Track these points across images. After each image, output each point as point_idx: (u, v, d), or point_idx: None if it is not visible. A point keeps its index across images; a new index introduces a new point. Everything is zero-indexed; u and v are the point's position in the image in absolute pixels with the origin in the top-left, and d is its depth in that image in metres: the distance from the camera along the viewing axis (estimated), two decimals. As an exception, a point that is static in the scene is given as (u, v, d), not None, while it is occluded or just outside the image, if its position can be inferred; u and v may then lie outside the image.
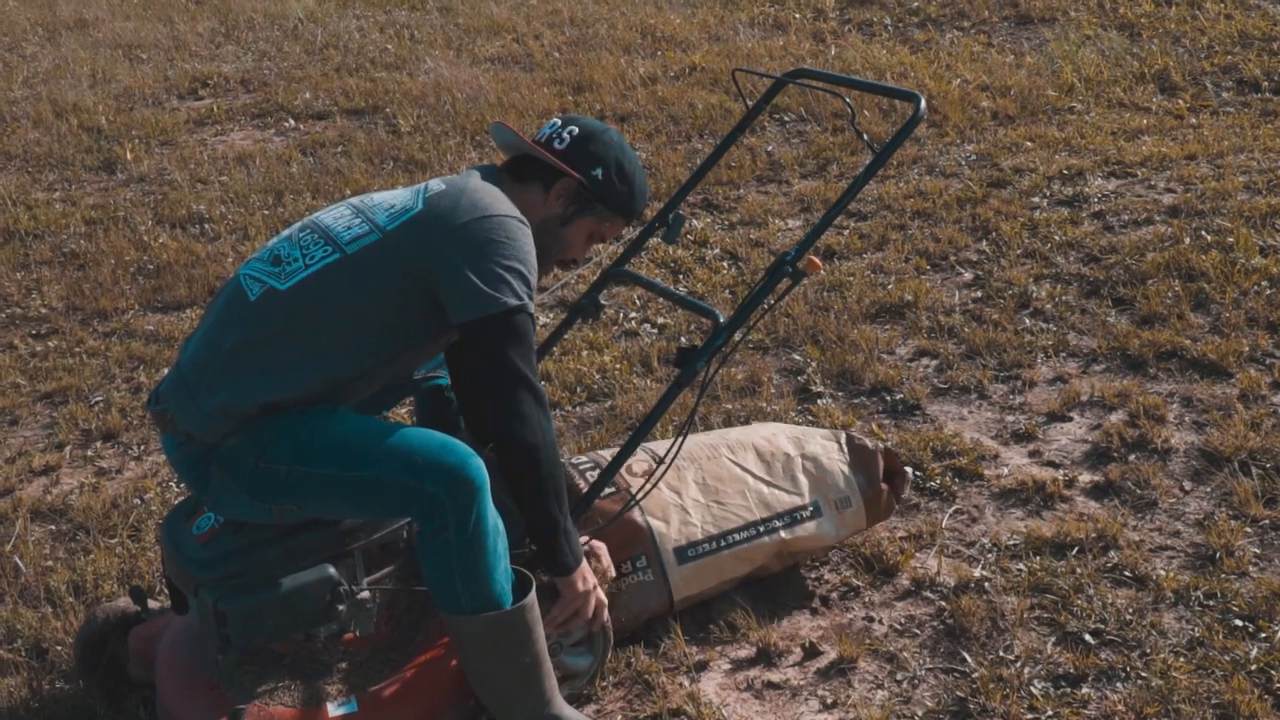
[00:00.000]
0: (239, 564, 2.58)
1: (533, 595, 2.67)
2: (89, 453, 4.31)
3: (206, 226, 6.19)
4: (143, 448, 4.30)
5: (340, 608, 2.67)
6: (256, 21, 10.61)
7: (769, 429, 3.54)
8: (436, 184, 2.76)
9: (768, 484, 3.31)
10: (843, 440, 3.46)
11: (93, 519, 3.85)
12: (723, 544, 3.20)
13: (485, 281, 2.57)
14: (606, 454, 3.33)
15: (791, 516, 3.28)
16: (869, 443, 3.46)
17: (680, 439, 3.09)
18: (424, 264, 2.60)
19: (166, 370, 2.88)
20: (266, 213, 6.29)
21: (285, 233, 2.79)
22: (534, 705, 2.71)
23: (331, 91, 8.39)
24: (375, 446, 2.59)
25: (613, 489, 3.15)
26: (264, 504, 2.59)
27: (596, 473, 3.13)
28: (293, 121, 7.93)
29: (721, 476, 3.30)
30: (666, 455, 3.13)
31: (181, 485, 4.00)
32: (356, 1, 11.11)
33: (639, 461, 3.26)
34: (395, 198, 2.75)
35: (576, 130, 2.90)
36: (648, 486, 3.11)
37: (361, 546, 2.71)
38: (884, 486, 3.41)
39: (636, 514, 3.14)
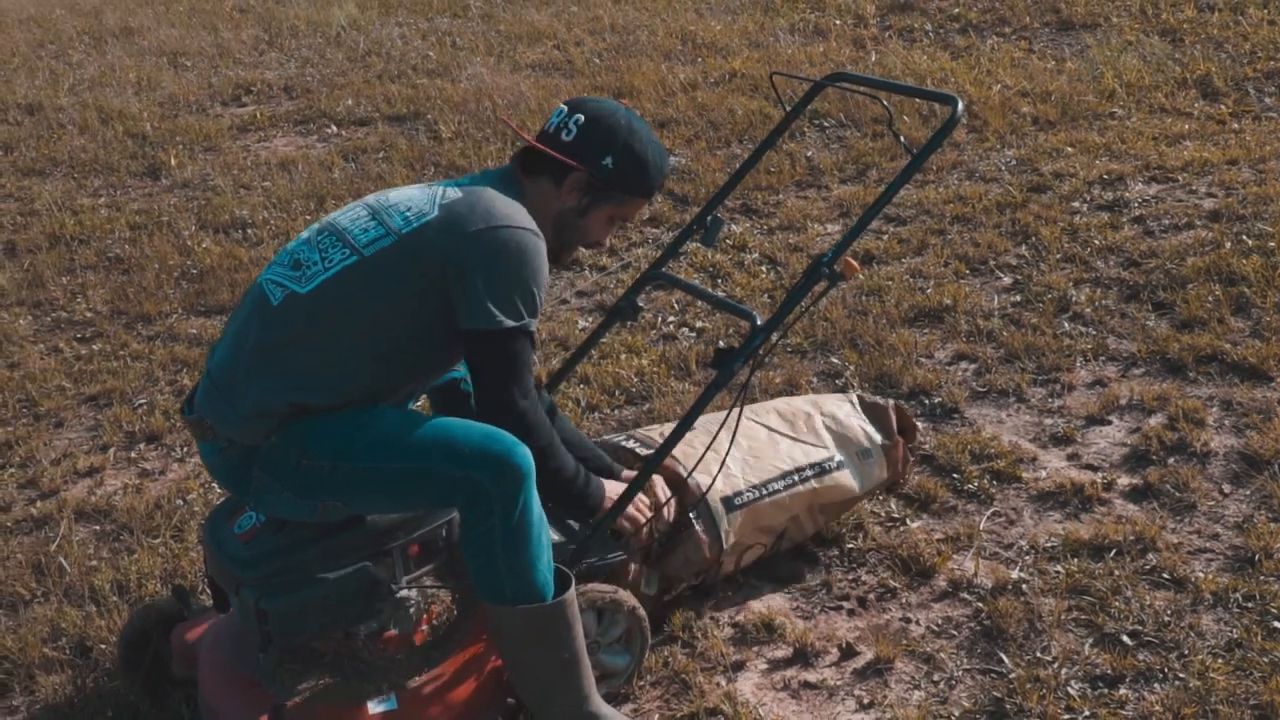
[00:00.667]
0: (280, 563, 2.61)
1: (573, 591, 2.70)
2: (133, 454, 4.37)
3: (249, 231, 6.26)
4: (185, 449, 4.36)
5: (380, 606, 2.70)
6: (300, 29, 10.72)
7: (783, 399, 3.77)
8: (452, 190, 2.75)
9: (794, 440, 3.50)
10: (854, 400, 3.71)
11: (136, 519, 3.90)
12: (763, 493, 3.34)
13: (492, 295, 2.61)
14: (647, 432, 3.47)
15: (820, 467, 3.45)
16: (880, 400, 3.71)
17: (726, 417, 3.12)
18: (439, 267, 2.63)
19: (199, 377, 2.92)
20: (309, 217, 6.35)
21: (304, 235, 2.81)
22: (573, 701, 2.73)
23: (373, 98, 8.47)
24: (418, 438, 2.62)
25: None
26: (308, 500, 2.62)
27: (640, 449, 3.31)
28: (335, 128, 8.01)
29: (753, 436, 3.47)
30: (716, 431, 3.16)
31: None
32: (399, 9, 11.20)
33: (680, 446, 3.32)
34: (411, 200, 2.75)
35: (582, 118, 2.84)
36: (697, 459, 3.20)
37: (400, 545, 2.74)
38: (899, 439, 3.64)
39: (683, 471, 3.24)
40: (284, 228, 6.23)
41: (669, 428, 3.29)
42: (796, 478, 3.39)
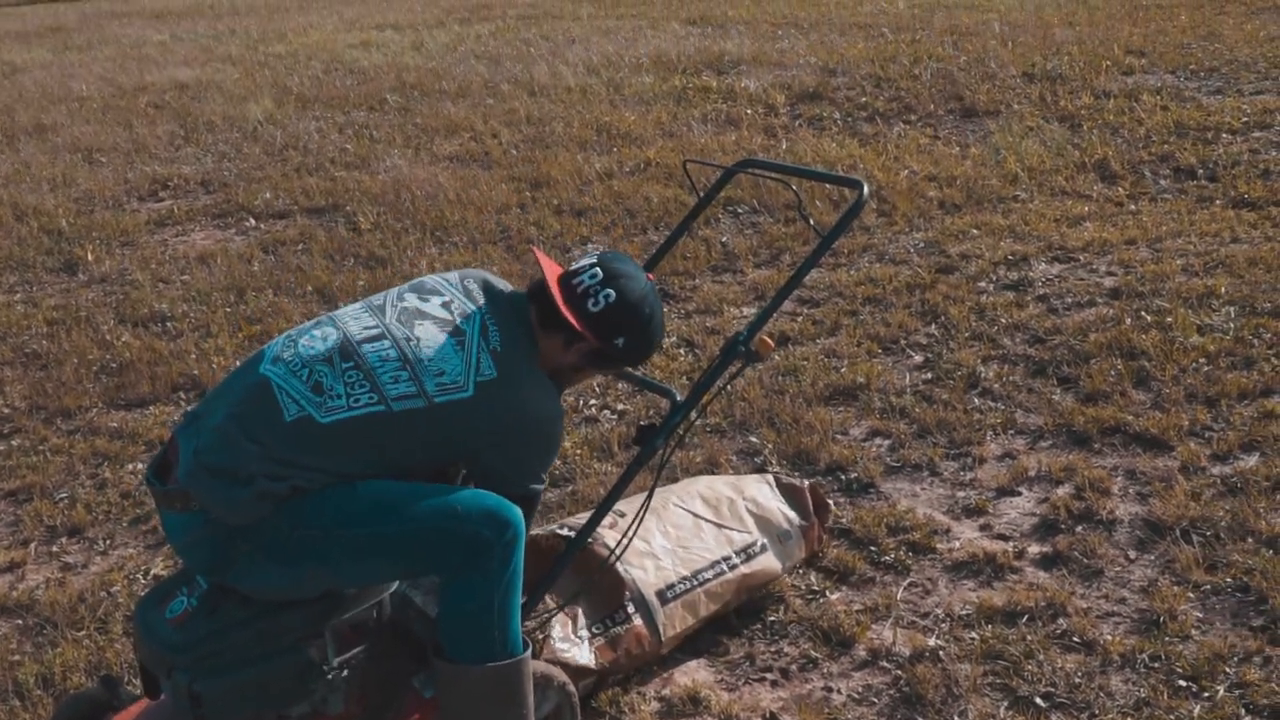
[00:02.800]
0: (213, 645, 2.63)
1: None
2: (54, 548, 4.34)
3: (169, 325, 6.26)
4: (108, 542, 4.34)
5: (313, 686, 2.72)
6: (216, 124, 10.77)
7: (704, 480, 3.89)
8: (486, 362, 2.74)
9: (719, 526, 3.61)
10: (772, 481, 3.85)
11: (60, 613, 3.87)
12: (695, 583, 3.45)
13: (518, 472, 2.80)
14: (575, 520, 3.54)
15: (746, 553, 3.58)
16: (796, 481, 3.85)
17: (647, 501, 3.20)
18: (466, 448, 2.75)
19: (160, 450, 2.87)
20: (229, 310, 6.37)
21: (319, 347, 2.75)
22: None
23: (292, 191, 8.53)
24: (413, 501, 2.68)
25: (592, 541, 3.36)
26: (293, 568, 2.64)
27: (571, 534, 3.34)
28: (253, 221, 8.05)
29: (680, 524, 3.58)
30: (638, 511, 3.23)
31: (149, 575, 4.04)
32: (315, 103, 11.30)
33: (605, 522, 3.42)
34: (444, 361, 2.73)
35: (614, 296, 2.85)
36: (625, 541, 3.28)
37: (333, 626, 2.77)
38: (815, 519, 3.79)
39: (619, 567, 3.34)
40: (204, 320, 6.24)
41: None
42: (725, 565, 3.52)
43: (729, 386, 4.62)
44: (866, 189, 3.21)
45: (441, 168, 8.87)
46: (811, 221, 3.39)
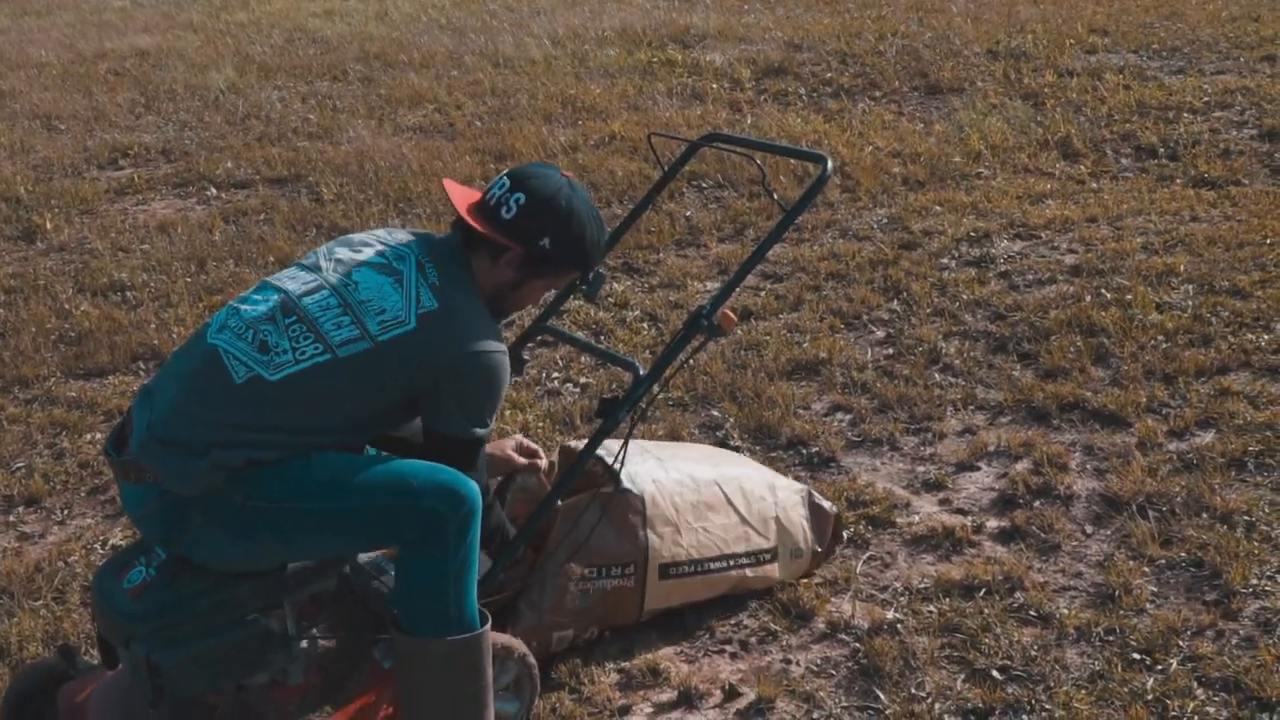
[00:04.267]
0: (171, 616, 2.62)
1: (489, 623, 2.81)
2: (11, 518, 4.31)
3: (128, 294, 6.21)
4: (66, 512, 4.31)
5: (272, 657, 2.72)
6: (177, 93, 10.65)
7: (749, 468, 3.79)
8: (425, 295, 2.74)
9: (745, 522, 3.54)
10: (804, 497, 3.72)
11: (16, 582, 3.85)
12: (699, 570, 3.43)
13: (465, 411, 2.74)
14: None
15: (756, 557, 3.54)
16: (826, 505, 3.73)
17: (620, 461, 3.28)
18: (413, 380, 2.71)
19: (119, 421, 2.86)
20: (189, 280, 6.32)
21: (262, 308, 2.75)
22: None
23: (254, 161, 8.45)
24: (367, 475, 2.69)
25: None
26: (247, 540, 2.65)
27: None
28: (215, 190, 7.98)
29: (714, 506, 3.51)
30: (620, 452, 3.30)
31: (107, 546, 4.02)
32: (278, 73, 11.20)
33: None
34: (384, 298, 2.73)
35: (523, 198, 2.82)
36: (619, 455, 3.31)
37: (293, 597, 2.76)
38: (828, 546, 3.73)
39: (640, 525, 3.32)
40: (164, 290, 6.19)
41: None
42: (731, 563, 3.50)
43: (692, 360, 4.62)
44: (830, 164, 3.22)
45: (405, 139, 8.82)
46: (775, 196, 3.39)
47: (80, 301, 6.14)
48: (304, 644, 2.78)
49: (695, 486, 3.49)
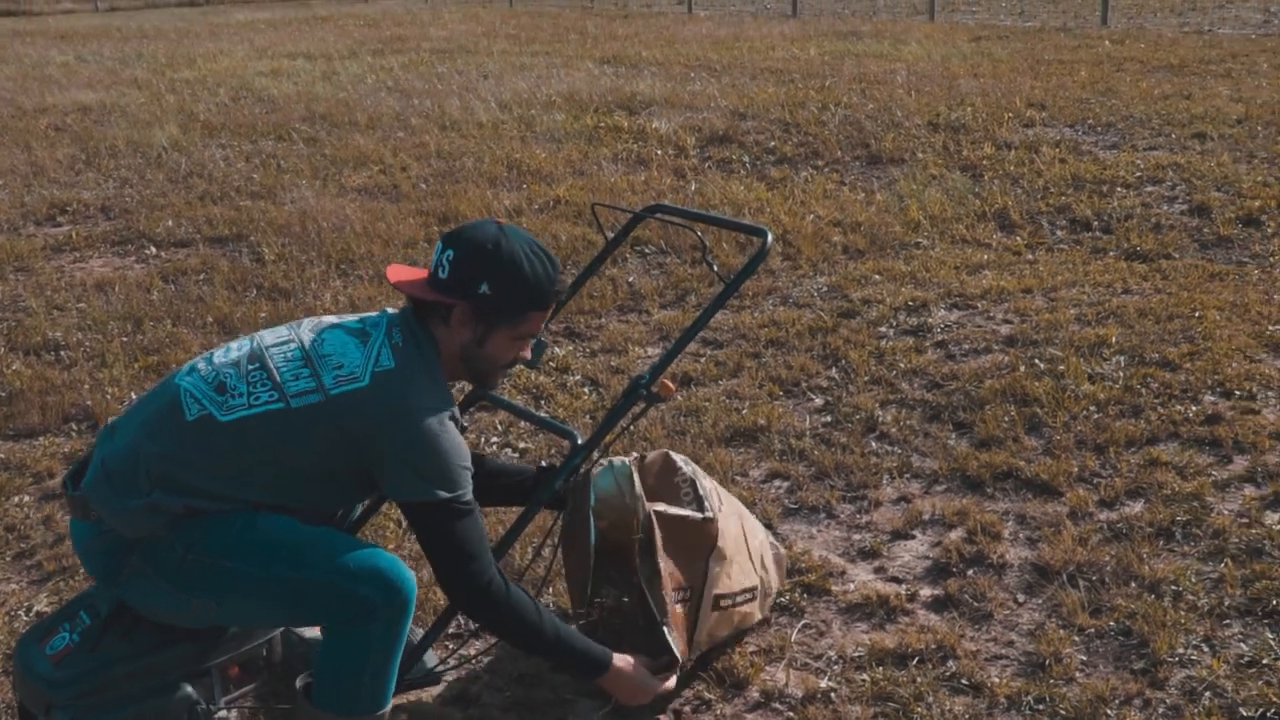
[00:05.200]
0: (93, 683, 2.59)
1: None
2: (-65, 580, 4.23)
3: (63, 353, 6.15)
4: (-8, 574, 4.24)
5: (195, 726, 2.68)
6: (119, 149, 10.62)
7: (744, 509, 3.79)
8: (386, 356, 2.77)
9: (750, 557, 3.58)
10: (772, 539, 3.84)
11: (-62, 646, 3.77)
12: (734, 602, 3.47)
13: (417, 472, 2.71)
14: None
15: (752, 593, 3.57)
16: (781, 549, 3.86)
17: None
18: (362, 440, 2.70)
19: (83, 456, 2.87)
20: (125, 340, 6.27)
21: (233, 355, 2.80)
22: None
23: (195, 219, 8.43)
24: (306, 548, 2.68)
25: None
26: (183, 595, 2.64)
27: None
28: (154, 249, 7.93)
29: (746, 547, 3.56)
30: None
31: (31, 613, 3.95)
32: (222, 131, 11.19)
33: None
34: (345, 355, 2.76)
35: (453, 253, 2.85)
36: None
37: (219, 664, 2.73)
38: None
39: (707, 552, 3.34)
40: (99, 350, 6.14)
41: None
42: (744, 596, 3.53)
43: (631, 427, 4.64)
44: (770, 238, 3.26)
45: (349, 199, 8.82)
46: (715, 267, 3.43)
47: (12, 360, 6.07)
48: (230, 714, 2.74)
49: (737, 515, 3.56)
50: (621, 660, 3.06)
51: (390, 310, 2.95)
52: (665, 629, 3.19)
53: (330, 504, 2.92)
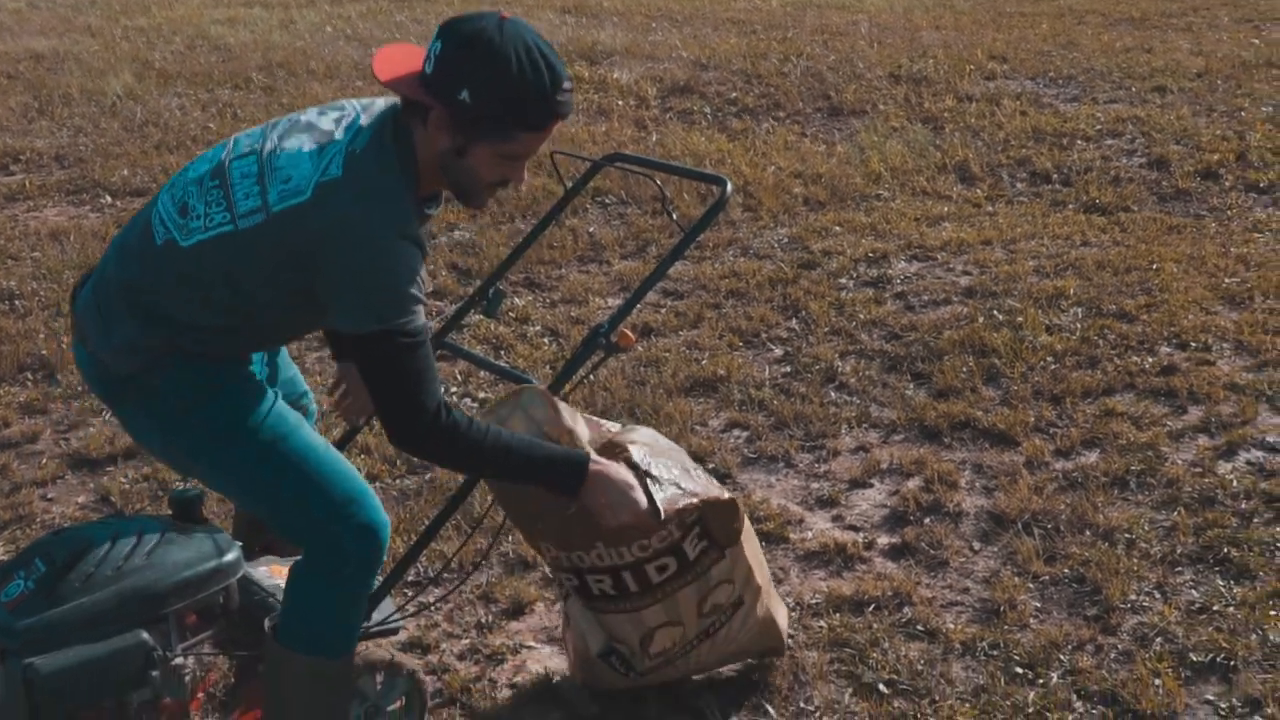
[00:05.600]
0: (48, 630, 2.57)
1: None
2: (-111, 530, 4.19)
3: (17, 303, 6.07)
4: (-53, 524, 4.21)
5: (154, 674, 2.66)
6: (73, 97, 10.45)
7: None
8: (335, 166, 2.48)
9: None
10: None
11: (-108, 596, 3.74)
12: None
13: (363, 299, 2.45)
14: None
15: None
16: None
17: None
18: (305, 257, 2.47)
19: (86, 272, 2.81)
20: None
21: (204, 168, 2.61)
22: None
23: (150, 168, 8.32)
24: (292, 456, 2.64)
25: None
26: (171, 448, 2.67)
27: None
28: (109, 198, 7.83)
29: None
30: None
31: (-12, 560, 3.92)
32: (178, 79, 11.03)
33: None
34: (296, 167, 2.49)
35: (440, 46, 2.46)
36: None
37: (176, 611, 2.72)
38: None
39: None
40: (54, 299, 6.07)
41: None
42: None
43: (591, 377, 4.64)
44: (729, 187, 3.25)
45: (307, 149, 8.73)
46: (675, 216, 3.42)
47: (-34, 309, 5.99)
48: (187, 660, 2.73)
49: None
50: (599, 464, 2.70)
51: (381, 105, 2.62)
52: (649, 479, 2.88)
53: (290, 330, 2.83)
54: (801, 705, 3.20)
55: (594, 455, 2.74)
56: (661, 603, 3.05)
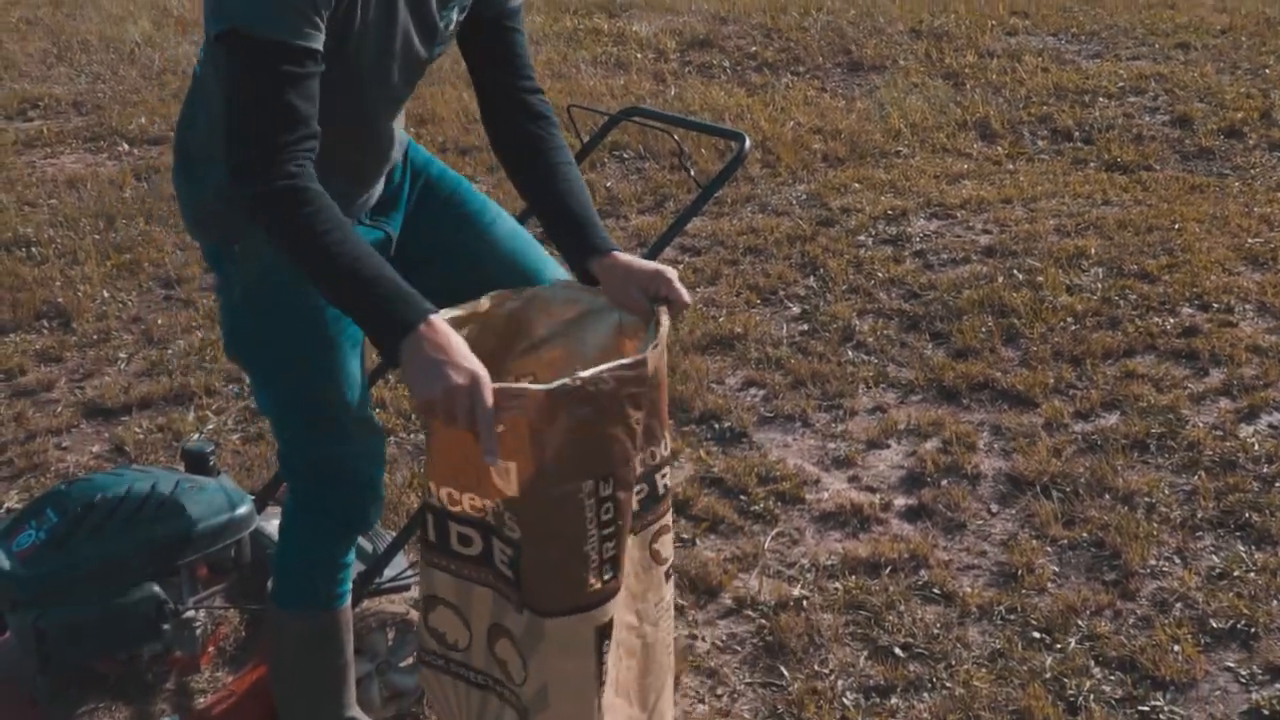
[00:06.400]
0: (60, 581, 2.57)
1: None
2: (-96, 478, 4.20)
3: (34, 250, 6.05)
4: (-38, 473, 4.21)
5: (165, 627, 2.67)
6: (91, 44, 10.40)
7: None
8: None
9: None
10: None
11: (-93, 544, 3.75)
12: None
13: None
14: None
15: None
16: None
17: None
18: None
19: None
20: (98, 237, 6.18)
21: None
22: (338, 708, 2.73)
23: (169, 116, 8.27)
24: (319, 394, 2.51)
25: None
26: (227, 335, 2.58)
27: None
28: (127, 146, 7.80)
29: None
30: None
31: (2, 509, 3.92)
32: (195, 27, 10.96)
33: None
34: None
35: None
36: None
37: (188, 564, 2.71)
38: None
39: None
40: (71, 247, 6.05)
41: None
42: None
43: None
44: (748, 142, 3.19)
45: (324, 99, 8.68)
46: (693, 172, 3.37)
47: (-18, 256, 5.98)
48: (199, 614, 2.73)
49: None
50: (434, 327, 1.99)
51: None
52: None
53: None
54: (816, 668, 3.18)
55: (439, 318, 2.03)
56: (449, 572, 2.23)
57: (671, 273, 2.33)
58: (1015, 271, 5.49)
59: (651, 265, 2.32)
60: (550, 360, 2.35)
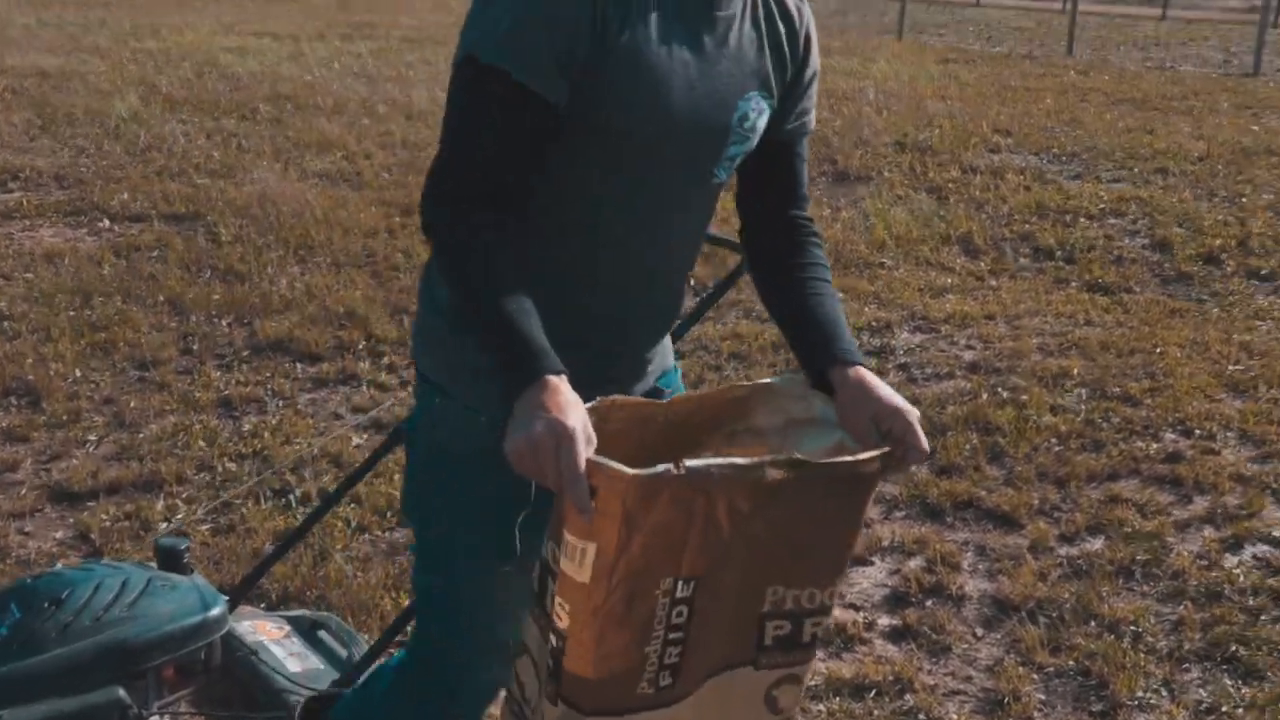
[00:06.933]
0: (19, 681, 2.46)
1: None
2: None
3: (6, 325, 5.97)
4: (-79, 552, 4.09)
5: (128, 729, 2.57)
6: (76, 117, 10.41)
7: None
8: None
9: None
10: None
11: None
12: None
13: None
14: None
15: None
16: None
17: None
18: None
19: None
20: (73, 314, 6.10)
21: None
22: None
23: (151, 194, 8.25)
24: (458, 563, 2.18)
25: None
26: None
27: None
28: (108, 222, 7.76)
29: None
30: None
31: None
32: (184, 106, 11.00)
33: None
34: None
35: None
36: None
37: (155, 668, 2.61)
38: None
39: None
40: (44, 322, 5.97)
41: None
42: None
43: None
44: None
45: (310, 184, 8.67)
46: (691, 282, 3.34)
47: (-45, 329, 5.89)
48: (161, 718, 2.62)
49: None
50: (551, 385, 1.74)
51: None
52: None
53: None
54: (798, 793, 3.09)
55: (562, 380, 1.78)
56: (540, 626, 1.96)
57: (915, 415, 2.03)
58: (999, 389, 5.48)
59: (895, 399, 2.03)
60: (754, 454, 2.13)
